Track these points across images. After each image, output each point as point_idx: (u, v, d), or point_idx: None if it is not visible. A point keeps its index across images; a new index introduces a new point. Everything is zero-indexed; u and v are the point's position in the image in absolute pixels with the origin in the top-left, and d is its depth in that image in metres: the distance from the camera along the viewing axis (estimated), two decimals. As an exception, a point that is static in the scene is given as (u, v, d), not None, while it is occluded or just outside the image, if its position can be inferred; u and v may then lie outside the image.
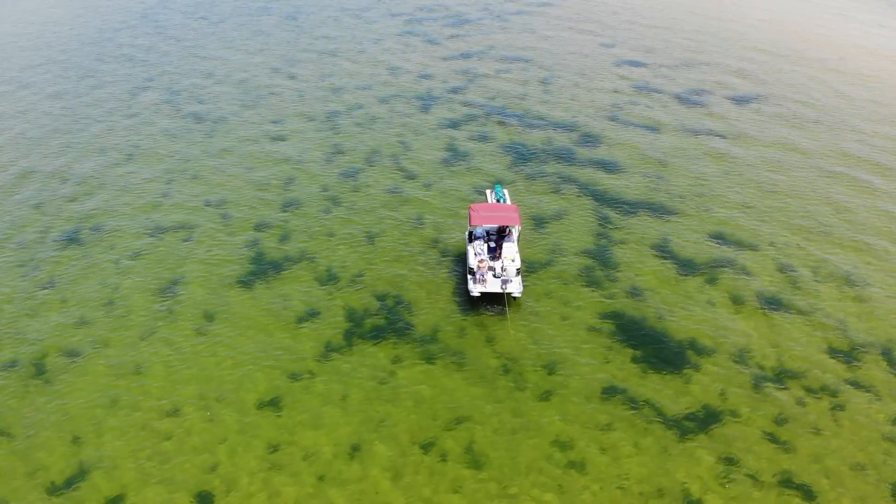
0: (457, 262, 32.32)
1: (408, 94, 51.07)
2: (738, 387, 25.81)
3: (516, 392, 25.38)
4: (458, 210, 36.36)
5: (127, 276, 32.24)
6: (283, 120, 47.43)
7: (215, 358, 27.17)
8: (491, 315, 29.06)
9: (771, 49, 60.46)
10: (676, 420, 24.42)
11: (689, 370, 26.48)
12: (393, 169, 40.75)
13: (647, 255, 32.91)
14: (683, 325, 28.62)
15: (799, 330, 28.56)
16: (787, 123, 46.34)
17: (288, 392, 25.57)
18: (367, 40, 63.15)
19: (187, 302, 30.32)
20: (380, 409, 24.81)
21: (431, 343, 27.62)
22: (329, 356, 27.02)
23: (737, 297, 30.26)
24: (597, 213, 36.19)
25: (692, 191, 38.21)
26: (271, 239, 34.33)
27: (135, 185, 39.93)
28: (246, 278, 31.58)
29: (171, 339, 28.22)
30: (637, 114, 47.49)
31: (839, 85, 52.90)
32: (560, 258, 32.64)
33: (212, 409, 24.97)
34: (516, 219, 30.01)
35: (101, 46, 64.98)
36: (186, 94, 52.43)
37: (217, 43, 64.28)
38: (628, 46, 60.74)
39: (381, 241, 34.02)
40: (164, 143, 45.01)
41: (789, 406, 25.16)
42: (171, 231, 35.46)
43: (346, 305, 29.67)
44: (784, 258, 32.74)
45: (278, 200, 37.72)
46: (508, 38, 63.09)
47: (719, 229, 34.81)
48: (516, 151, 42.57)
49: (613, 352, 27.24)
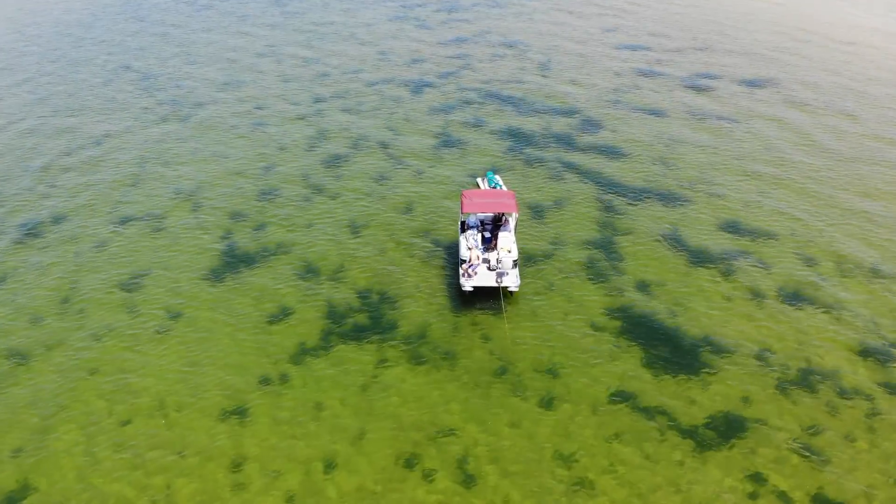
0: (449, 254, 29.51)
1: (398, 78, 48.15)
2: (762, 391, 23.05)
3: (513, 399, 22.58)
4: (450, 198, 33.52)
5: (87, 269, 29.37)
6: (266, 105, 44.49)
7: (177, 361, 24.31)
8: (485, 312, 26.26)
9: (781, 31, 57.61)
10: (694, 430, 21.65)
11: (706, 372, 23.71)
12: (381, 155, 37.86)
13: (656, 245, 30.13)
14: (698, 322, 25.85)
15: (825, 327, 25.81)
16: (800, 107, 43.52)
17: (255, 399, 22.73)
18: (358, 25, 60.20)
19: (150, 298, 27.46)
20: (359, 419, 21.98)
21: (419, 343, 24.80)
22: (304, 359, 24.17)
23: (755, 290, 27.50)
24: (600, 200, 33.38)
25: (702, 177, 35.41)
26: (245, 229, 31.44)
27: (102, 172, 36.99)
28: (216, 272, 28.71)
29: (130, 340, 25.38)
30: (641, 98, 44.64)
31: (855, 68, 50.10)
32: (561, 249, 29.85)
33: (169, 419, 22.13)
34: (513, 205, 27.19)
35: (75, 30, 61.93)
36: (165, 79, 49.43)
37: (200, 26, 61.27)
38: (630, 30, 57.85)
39: (366, 231, 31.18)
40: (137, 128, 42.05)
41: (819, 412, 22.41)
42: (139, 221, 32.57)
43: (325, 302, 26.83)
44: (805, 248, 29.97)
45: (255, 188, 34.82)
46: (505, 23, 60.17)
47: (733, 217, 32.03)
48: (513, 137, 39.72)
49: (621, 352, 24.46)
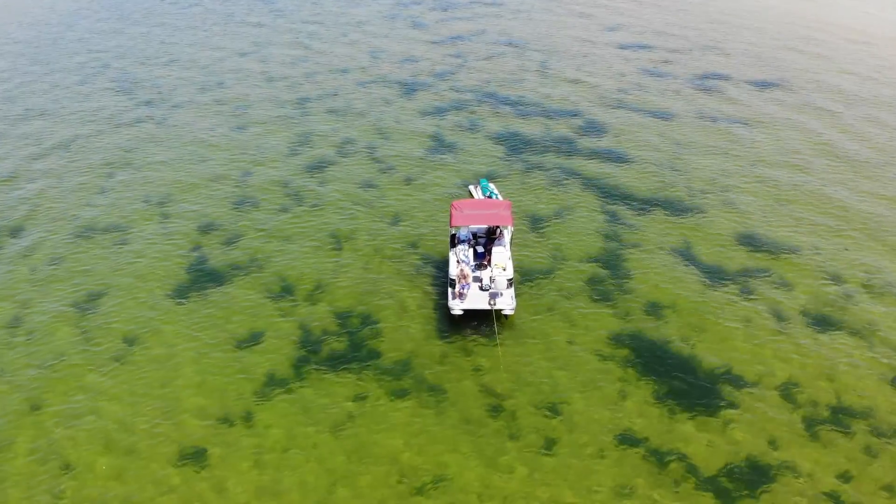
0: (439, 271, 26.84)
1: (389, 79, 45.51)
2: (789, 432, 20.37)
3: (509, 441, 19.86)
4: (441, 208, 30.85)
5: (42, 287, 26.67)
6: (248, 107, 41.81)
7: (130, 395, 21.59)
8: (477, 338, 23.57)
9: (794, 29, 55.03)
10: (714, 479, 18.94)
11: (727, 410, 21.01)
12: (368, 161, 35.19)
13: (666, 261, 27.46)
14: (715, 350, 23.16)
15: (856, 355, 23.13)
16: (817, 109, 40.89)
17: (215, 441, 19.98)
18: (349, 24, 57.59)
19: (107, 320, 24.75)
20: (333, 465, 19.26)
21: (403, 375, 22.08)
22: (271, 393, 21.43)
23: (777, 313, 24.82)
24: (604, 211, 30.72)
25: (714, 185, 32.76)
26: (216, 242, 28.73)
27: (67, 180, 34.29)
28: (180, 290, 25.99)
29: (80, 370, 22.64)
30: (647, 99, 42.01)
31: (867, 70, 47.51)
32: (562, 265, 27.17)
33: (117, 463, 19.41)
34: (508, 217, 24.51)
35: (55, 28, 59.29)
36: (143, 80, 46.75)
37: (183, 24, 58.62)
38: (634, 30, 55.23)
39: (348, 245, 28.49)
40: (108, 130, 39.36)
41: (855, 455, 19.74)
42: (102, 233, 29.86)
43: (299, 325, 24.11)
44: (830, 265, 27.31)
45: (230, 197, 32.11)
46: (502, 22, 57.56)
47: (750, 230, 29.38)
48: (510, 141, 37.06)
49: (630, 386, 21.75)
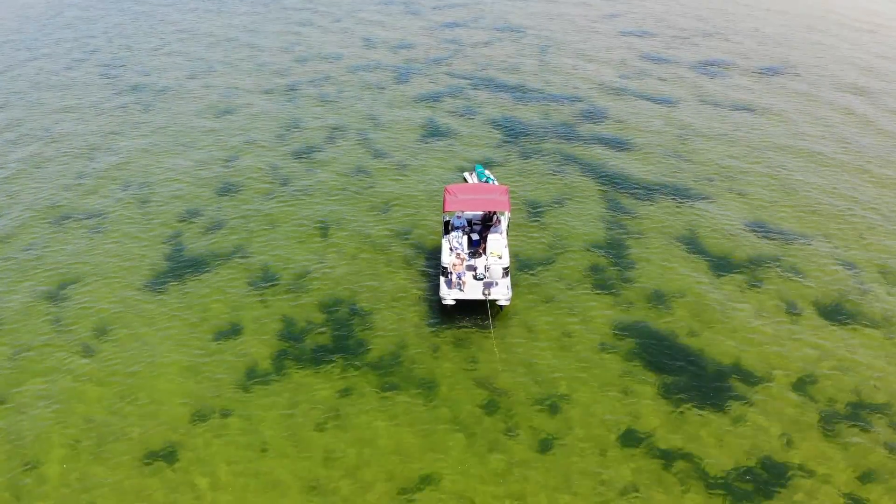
0: (431, 260, 25.45)
1: (383, 64, 44.02)
2: (804, 429, 19.03)
3: (505, 439, 18.50)
4: (434, 195, 29.46)
5: (12, 275, 25.27)
6: (235, 92, 40.33)
7: (99, 389, 20.21)
8: (471, 330, 22.19)
9: (797, 15, 53.56)
10: (724, 480, 17.60)
11: (737, 405, 19.66)
12: (359, 147, 33.75)
13: (672, 250, 26.08)
14: (724, 343, 21.79)
15: (873, 348, 21.79)
16: (823, 93, 39.47)
17: (189, 439, 18.62)
18: (342, 9, 56.05)
19: (79, 310, 23.35)
20: (315, 466, 17.91)
21: (392, 369, 20.71)
22: (251, 388, 20.05)
23: (789, 303, 23.47)
24: (606, 198, 29.32)
25: (721, 172, 31.36)
26: (196, 230, 27.31)
27: (44, 165, 32.83)
28: (158, 280, 24.59)
29: (50, 361, 21.26)
30: (649, 85, 40.56)
31: (872, 55, 46.08)
32: (562, 254, 25.78)
33: (81, 463, 18.03)
34: (505, 203, 23.11)
35: (41, 11, 57.68)
36: (130, 65, 45.24)
37: (171, 9, 57.04)
38: (635, 16, 53.74)
39: (336, 232, 27.09)
40: (91, 115, 37.89)
41: (875, 454, 18.42)
42: (77, 220, 28.44)
43: (282, 317, 22.70)
44: (843, 254, 25.95)
45: (213, 183, 30.68)
46: (500, 8, 56.02)
47: (758, 217, 28.00)
48: (507, 127, 35.61)
49: (634, 381, 20.39)
